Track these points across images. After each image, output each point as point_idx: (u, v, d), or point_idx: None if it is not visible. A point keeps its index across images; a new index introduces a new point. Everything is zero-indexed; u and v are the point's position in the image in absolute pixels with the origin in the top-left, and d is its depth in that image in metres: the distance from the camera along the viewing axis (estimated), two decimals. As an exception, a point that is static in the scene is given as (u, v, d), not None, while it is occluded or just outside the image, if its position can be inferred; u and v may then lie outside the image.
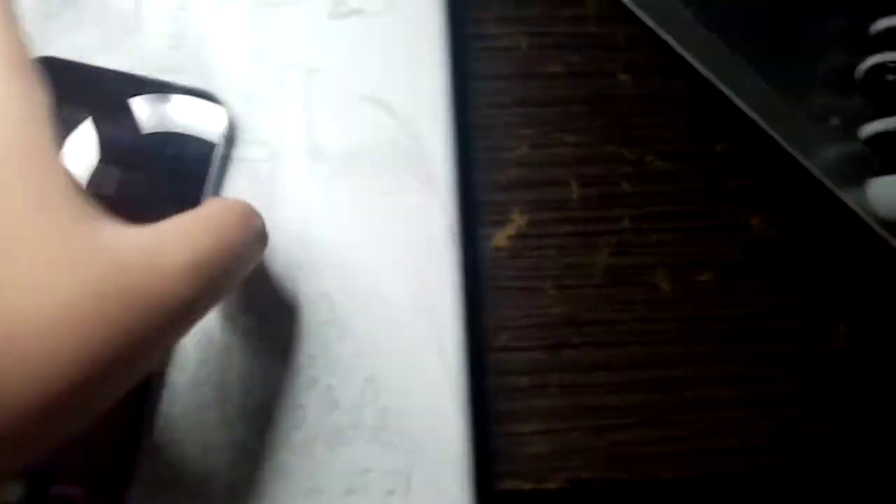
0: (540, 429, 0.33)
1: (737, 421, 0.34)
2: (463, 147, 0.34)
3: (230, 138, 0.31)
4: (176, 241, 0.20)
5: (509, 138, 0.35)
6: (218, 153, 0.30)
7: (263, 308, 0.30)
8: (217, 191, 0.31)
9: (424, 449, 0.30)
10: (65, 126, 0.29)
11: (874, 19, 0.35)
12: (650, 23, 0.36)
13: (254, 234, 0.24)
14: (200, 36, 0.32)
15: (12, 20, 0.20)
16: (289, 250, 0.31)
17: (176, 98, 0.30)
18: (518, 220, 0.35)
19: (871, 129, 0.34)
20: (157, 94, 0.30)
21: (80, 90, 0.30)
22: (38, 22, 0.32)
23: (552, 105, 0.36)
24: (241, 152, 0.31)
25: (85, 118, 0.30)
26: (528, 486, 0.32)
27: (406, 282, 0.31)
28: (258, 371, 0.30)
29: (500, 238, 0.34)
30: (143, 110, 0.30)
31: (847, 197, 0.35)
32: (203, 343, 0.29)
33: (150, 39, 0.32)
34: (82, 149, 0.29)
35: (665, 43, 0.35)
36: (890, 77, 0.34)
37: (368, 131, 0.32)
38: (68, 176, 0.19)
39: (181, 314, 0.19)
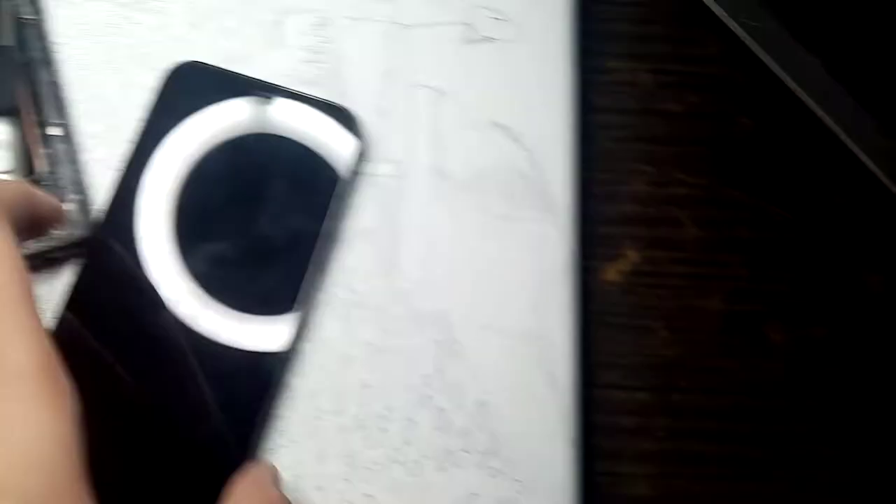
0: (642, 472, 0.32)
1: (839, 483, 0.32)
2: (581, 179, 0.33)
3: (362, 152, 0.31)
4: None
5: (627, 173, 0.35)
6: (349, 166, 0.31)
7: (383, 321, 0.30)
8: (344, 203, 0.31)
9: (533, 479, 0.29)
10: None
11: None
12: (774, 67, 0.35)
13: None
14: (337, 52, 0.33)
15: (38, 322, 0.20)
16: (410, 267, 0.31)
17: (312, 110, 0.31)
18: (631, 256, 0.34)
19: None
20: (294, 104, 0.31)
21: (222, 94, 0.31)
22: (185, 29, 0.33)
23: (672, 143, 0.36)
24: (370, 167, 0.32)
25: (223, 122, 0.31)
26: (627, 528, 0.31)
27: (522, 309, 0.31)
28: (375, 383, 0.29)
29: (611, 272, 0.34)
30: (280, 119, 0.31)
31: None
32: (323, 351, 0.29)
33: (290, 52, 0.33)
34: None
35: (788, 88, 0.35)
36: None
37: (493, 156, 0.32)
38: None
39: None
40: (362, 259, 0.31)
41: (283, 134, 0.31)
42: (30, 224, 0.22)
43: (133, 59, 0.32)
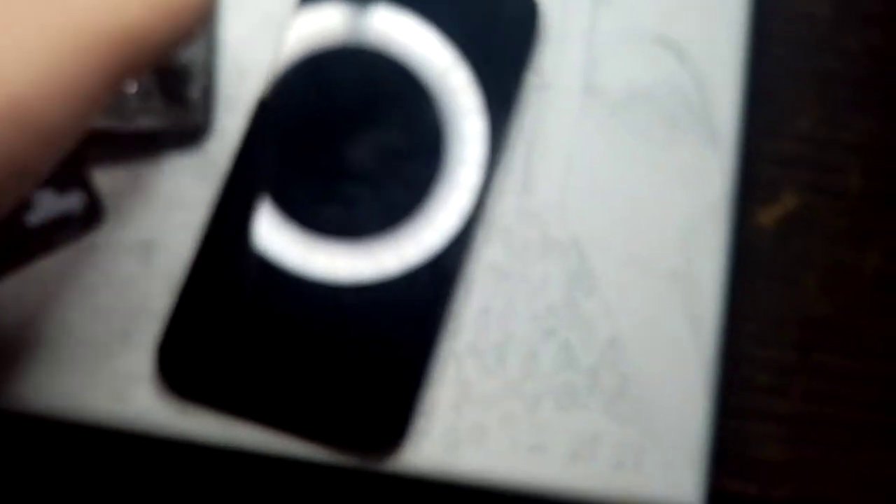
0: (774, 433, 0.29)
1: None
2: (745, 109, 0.29)
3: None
4: None
5: (794, 110, 0.31)
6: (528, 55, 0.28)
7: (509, 242, 0.27)
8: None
9: (661, 429, 0.26)
10: None
11: None
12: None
13: None
14: (489, -56, 0.29)
15: None
16: (546, 189, 0.28)
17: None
18: (787, 202, 0.30)
19: None
20: None
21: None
22: None
23: (847, 84, 0.31)
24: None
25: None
26: (753, 490, 0.29)
27: (668, 245, 0.27)
28: (495, 309, 0.27)
29: (766, 216, 0.30)
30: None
31: None
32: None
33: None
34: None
35: None
36: None
37: (654, 75, 0.29)
38: None
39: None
40: (496, 176, 0.27)
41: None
42: None
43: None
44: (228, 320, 0.26)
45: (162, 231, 0.27)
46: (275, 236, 0.26)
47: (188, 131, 0.27)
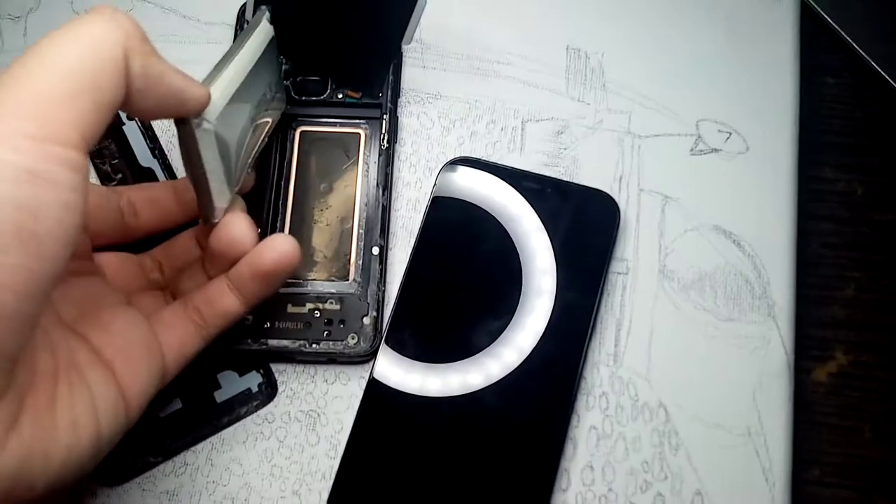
0: (844, 567, 0.32)
1: None
2: (797, 282, 0.34)
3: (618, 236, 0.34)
4: None
5: (838, 279, 0.36)
6: (612, 246, 0.33)
7: (606, 407, 0.32)
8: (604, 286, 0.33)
9: (746, 569, 0.30)
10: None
11: None
12: None
13: None
14: (574, 157, 0.35)
15: None
16: (634, 359, 0.33)
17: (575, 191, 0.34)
18: (840, 359, 0.35)
19: None
20: (560, 187, 0.34)
21: (496, 181, 0.34)
22: (440, 131, 0.36)
23: (881, 251, 0.36)
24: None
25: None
26: None
27: (740, 405, 0.32)
28: (598, 466, 0.31)
29: (821, 373, 0.35)
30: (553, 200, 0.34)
31: None
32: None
33: (531, 156, 0.35)
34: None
35: None
36: None
37: (716, 260, 0.34)
38: None
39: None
40: (590, 349, 0.33)
41: (555, 213, 0.34)
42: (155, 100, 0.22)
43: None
44: (385, 473, 0.31)
45: (324, 403, 0.32)
46: (409, 379, 0.31)
47: (360, 356, 0.32)
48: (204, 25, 0.37)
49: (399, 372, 0.32)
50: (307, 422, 0.32)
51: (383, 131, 0.34)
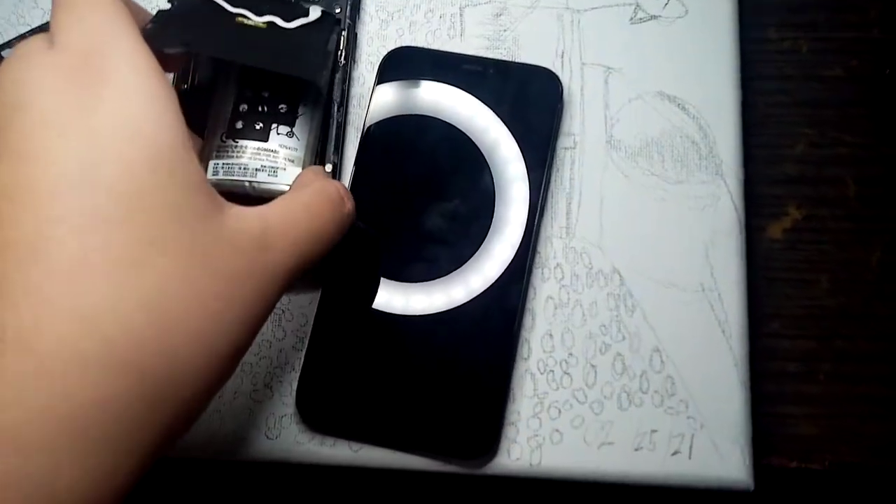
0: (807, 412, 0.33)
1: None
2: (743, 143, 0.34)
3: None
4: (279, 225, 0.22)
5: (788, 136, 0.35)
6: (557, 121, 0.33)
7: (561, 277, 0.32)
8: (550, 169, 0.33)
9: (707, 417, 0.30)
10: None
11: None
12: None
13: (341, 220, 0.25)
14: (514, 38, 0.34)
15: (134, 27, 0.22)
16: (586, 228, 0.32)
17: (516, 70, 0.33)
18: (794, 214, 0.34)
19: None
20: (501, 67, 0.33)
21: (436, 69, 0.33)
22: (377, 25, 0.35)
23: (831, 107, 0.35)
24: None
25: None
26: (793, 464, 0.32)
27: (693, 264, 0.32)
28: (557, 333, 0.31)
29: (775, 230, 0.34)
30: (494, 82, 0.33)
31: None
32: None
33: (471, 41, 0.35)
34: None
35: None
36: None
37: (662, 125, 0.33)
38: (199, 169, 0.21)
39: (282, 284, 0.22)
40: (543, 224, 0.32)
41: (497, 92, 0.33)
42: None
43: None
44: (348, 364, 0.31)
45: (288, 300, 0.32)
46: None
47: None
48: None
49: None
50: (272, 318, 0.32)
51: (341, 47, 0.33)
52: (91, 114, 0.19)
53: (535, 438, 0.30)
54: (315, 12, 0.31)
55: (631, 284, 0.32)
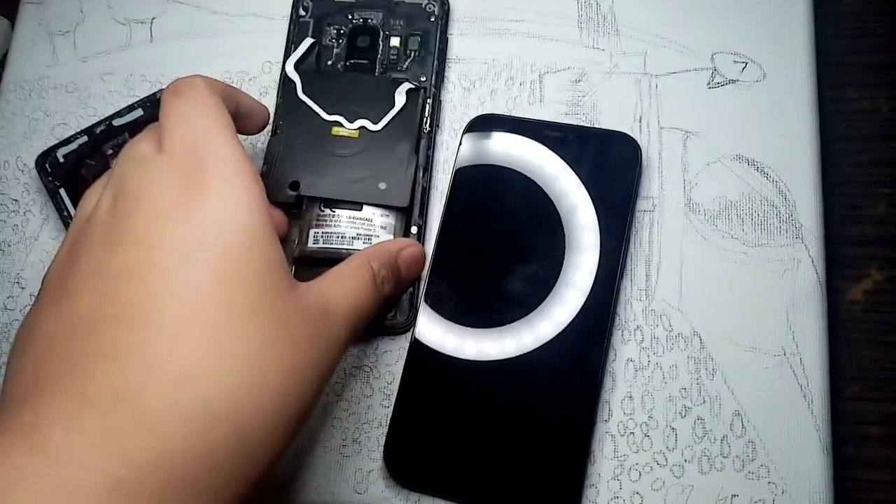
0: (890, 478, 0.32)
1: None
2: (823, 204, 0.33)
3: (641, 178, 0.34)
4: (335, 297, 0.26)
5: (868, 197, 0.35)
6: (636, 184, 0.33)
7: (641, 339, 0.32)
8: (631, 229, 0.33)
9: (789, 482, 0.30)
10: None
11: None
12: None
13: (378, 297, 0.29)
14: (593, 104, 0.35)
15: (229, 126, 0.25)
16: (666, 291, 0.33)
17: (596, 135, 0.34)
18: (875, 276, 0.34)
19: None
20: (581, 133, 0.34)
21: (518, 133, 0.34)
22: (460, 94, 0.36)
23: (913, 166, 0.35)
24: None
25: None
26: (879, 530, 0.32)
27: (773, 328, 0.32)
28: (637, 395, 0.32)
29: (856, 292, 0.34)
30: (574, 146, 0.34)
31: None
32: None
33: (551, 107, 0.35)
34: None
35: None
36: None
37: (741, 189, 0.33)
38: (280, 250, 0.24)
39: (342, 348, 0.26)
40: (622, 287, 0.33)
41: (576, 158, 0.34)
42: (234, 114, 0.27)
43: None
44: (433, 420, 0.32)
45: (375, 358, 0.33)
46: (445, 338, 0.32)
47: (397, 328, 0.33)
48: (232, 18, 0.38)
49: (438, 332, 0.32)
50: (361, 376, 0.33)
51: (426, 115, 0.35)
52: (196, 207, 0.23)
53: (615, 500, 0.31)
54: (401, 95, 0.32)
55: (711, 347, 0.32)
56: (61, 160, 0.35)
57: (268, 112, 0.31)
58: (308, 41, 0.35)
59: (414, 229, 0.34)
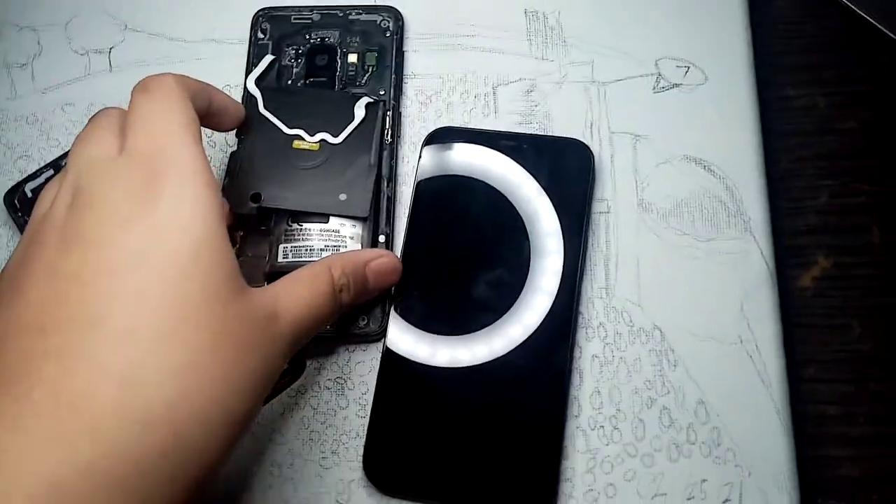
0: (850, 454, 0.33)
1: None
2: (769, 198, 0.35)
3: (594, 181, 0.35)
4: (285, 298, 0.26)
5: (810, 189, 0.36)
6: (591, 188, 0.34)
7: (604, 336, 0.33)
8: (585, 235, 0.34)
9: (753, 464, 0.31)
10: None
11: None
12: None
13: (334, 304, 0.29)
14: (546, 112, 0.36)
15: (194, 133, 0.25)
16: (625, 288, 0.34)
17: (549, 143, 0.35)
18: (823, 263, 0.35)
19: None
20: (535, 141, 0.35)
21: (476, 143, 0.35)
22: (417, 108, 0.37)
23: (849, 158, 0.37)
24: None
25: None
26: (841, 505, 0.33)
27: (729, 317, 0.33)
28: (604, 390, 0.33)
29: (806, 279, 0.35)
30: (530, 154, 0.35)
31: None
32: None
33: (505, 117, 0.37)
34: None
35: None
36: None
37: (690, 187, 0.35)
38: (233, 259, 0.24)
39: (284, 353, 0.26)
40: (584, 286, 0.34)
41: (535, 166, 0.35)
42: (206, 112, 0.27)
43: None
44: (409, 426, 0.32)
45: (349, 369, 0.34)
46: (417, 347, 0.33)
47: (370, 335, 0.34)
48: (189, 45, 0.39)
49: (409, 341, 0.33)
50: (336, 388, 0.34)
51: (387, 126, 0.36)
52: (149, 210, 0.23)
53: (590, 493, 0.31)
54: (360, 109, 0.33)
55: (671, 340, 0.33)
56: (29, 195, 0.35)
57: (243, 109, 0.32)
58: (269, 58, 0.36)
59: (382, 238, 0.34)
